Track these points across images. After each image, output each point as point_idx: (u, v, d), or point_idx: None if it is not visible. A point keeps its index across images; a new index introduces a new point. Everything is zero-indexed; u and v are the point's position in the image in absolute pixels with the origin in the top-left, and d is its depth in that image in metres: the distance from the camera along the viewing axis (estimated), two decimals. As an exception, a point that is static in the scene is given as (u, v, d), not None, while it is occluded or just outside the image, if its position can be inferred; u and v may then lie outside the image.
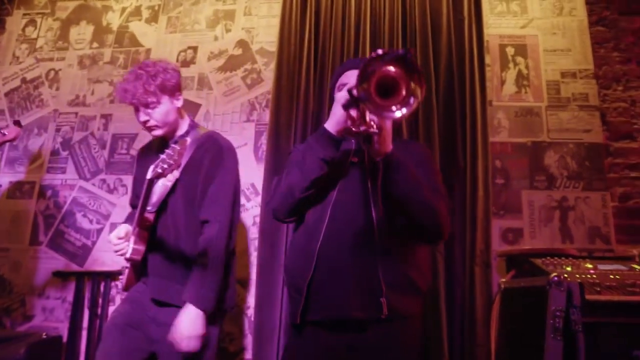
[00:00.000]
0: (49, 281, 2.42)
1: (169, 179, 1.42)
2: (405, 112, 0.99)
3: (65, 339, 2.24)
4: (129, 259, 1.46)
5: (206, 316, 1.37)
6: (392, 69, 1.00)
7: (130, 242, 1.46)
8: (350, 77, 1.30)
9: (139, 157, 1.75)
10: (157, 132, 1.56)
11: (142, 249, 1.47)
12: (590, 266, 1.49)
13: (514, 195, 2.25)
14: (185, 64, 2.66)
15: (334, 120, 1.22)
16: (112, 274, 2.32)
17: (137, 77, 1.48)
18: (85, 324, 2.30)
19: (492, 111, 2.34)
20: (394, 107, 0.99)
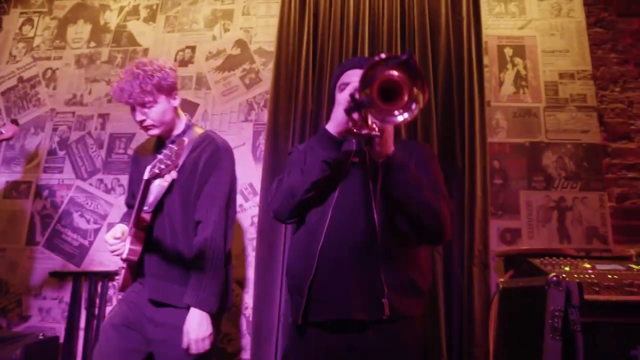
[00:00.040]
0: (46, 281, 2.41)
1: (166, 179, 1.40)
2: (407, 117, 0.99)
3: (62, 340, 2.23)
4: (125, 259, 1.45)
5: (211, 316, 1.39)
6: (395, 73, 0.99)
7: (126, 243, 1.45)
8: (351, 77, 1.30)
9: (135, 156, 1.73)
10: (154, 132, 1.55)
11: (139, 250, 1.45)
12: (588, 266, 1.50)
13: (512, 195, 2.25)
14: (183, 63, 2.65)
15: (336, 122, 1.21)
16: (110, 274, 2.32)
17: (134, 76, 1.47)
18: (82, 325, 2.29)
19: (491, 112, 2.35)
20: (396, 112, 0.99)
